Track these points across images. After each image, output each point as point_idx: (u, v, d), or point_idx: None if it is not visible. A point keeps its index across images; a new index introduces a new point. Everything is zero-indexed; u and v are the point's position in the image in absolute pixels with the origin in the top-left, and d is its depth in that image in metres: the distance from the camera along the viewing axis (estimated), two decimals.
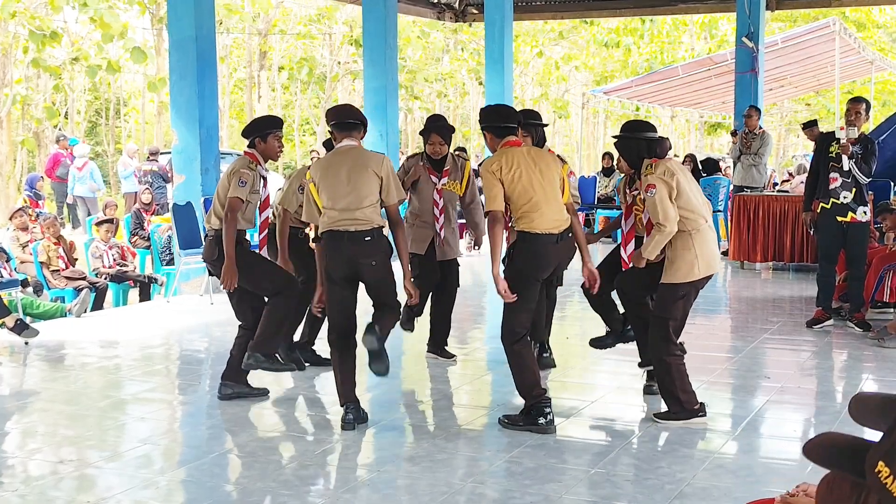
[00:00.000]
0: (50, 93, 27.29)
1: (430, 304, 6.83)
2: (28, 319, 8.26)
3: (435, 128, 6.60)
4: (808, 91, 28.67)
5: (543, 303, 6.10)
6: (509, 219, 5.27)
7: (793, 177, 17.50)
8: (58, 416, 5.67)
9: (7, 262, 9.25)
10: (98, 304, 10.13)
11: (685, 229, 5.15)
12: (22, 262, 10.69)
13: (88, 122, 34.67)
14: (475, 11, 17.76)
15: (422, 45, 31.01)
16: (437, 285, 6.78)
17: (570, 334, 7.80)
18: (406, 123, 33.28)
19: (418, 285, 6.58)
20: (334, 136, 5.46)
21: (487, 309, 9.35)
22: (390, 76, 13.10)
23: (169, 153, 14.35)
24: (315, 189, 5.24)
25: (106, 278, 10.56)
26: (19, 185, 23.58)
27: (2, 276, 8.83)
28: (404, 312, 6.69)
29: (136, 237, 12.75)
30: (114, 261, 10.92)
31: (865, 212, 7.72)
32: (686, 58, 28.75)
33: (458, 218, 6.95)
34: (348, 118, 5.37)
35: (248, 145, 5.82)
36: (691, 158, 16.40)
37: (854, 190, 7.65)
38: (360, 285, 5.31)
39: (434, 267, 6.66)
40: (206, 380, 6.60)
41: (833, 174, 7.67)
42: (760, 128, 12.85)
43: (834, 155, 7.69)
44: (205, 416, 5.73)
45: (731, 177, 13.75)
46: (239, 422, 5.48)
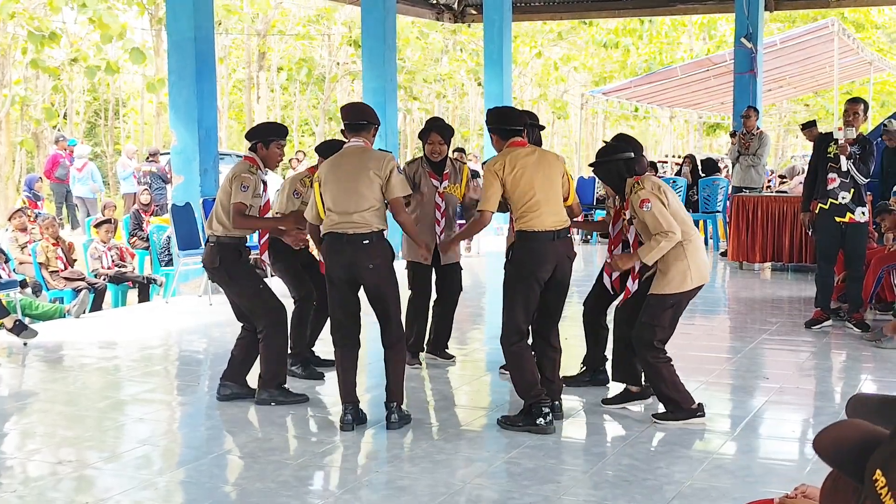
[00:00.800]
0: (49, 93, 27.29)
1: (433, 307, 6.84)
2: (27, 320, 8.26)
3: (434, 127, 6.62)
4: (807, 92, 28.69)
5: (560, 307, 5.80)
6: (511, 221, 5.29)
7: (784, 179, 17.52)
8: (57, 417, 5.68)
9: (6, 262, 9.24)
10: (97, 305, 10.13)
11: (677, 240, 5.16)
12: (21, 263, 10.69)
13: (87, 122, 34.67)
14: (474, 12, 17.76)
15: (420, 45, 31.02)
16: (439, 288, 6.79)
17: (568, 335, 7.79)
18: (405, 124, 33.26)
19: (418, 300, 6.59)
20: (345, 134, 5.46)
21: (487, 310, 9.34)
22: (389, 77, 13.10)
23: (168, 154, 14.34)
24: (319, 189, 5.26)
25: (105, 279, 10.56)
26: (18, 185, 23.57)
27: (1, 277, 8.82)
28: (407, 350, 6.65)
29: (135, 238, 12.75)
30: (112, 262, 10.92)
31: (864, 212, 7.73)
32: (685, 58, 28.76)
33: (459, 219, 6.95)
34: (356, 119, 5.36)
35: (250, 149, 5.82)
36: (691, 159, 16.41)
37: (852, 190, 7.65)
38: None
39: (429, 275, 6.69)
40: (205, 380, 6.60)
41: (831, 175, 7.68)
42: (758, 128, 12.86)
43: (832, 156, 7.70)
44: (204, 417, 5.73)
45: (731, 177, 13.74)
46: (238, 422, 5.48)
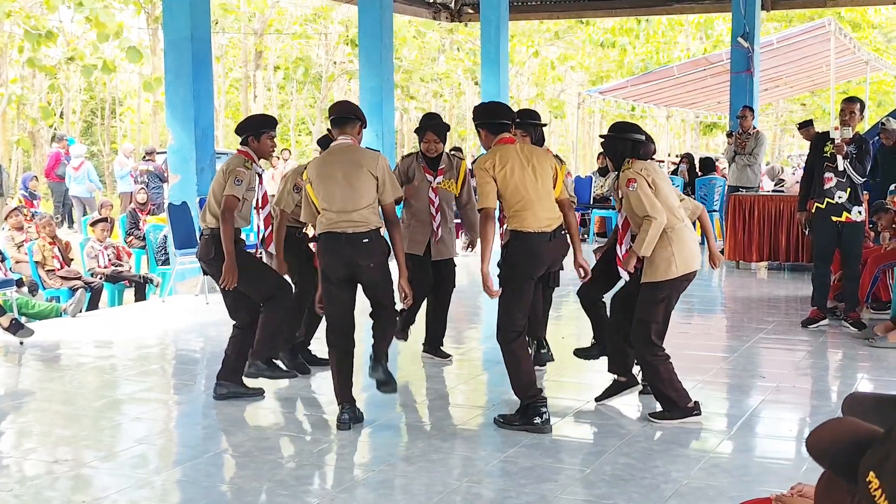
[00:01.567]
0: (45, 92, 27.27)
1: (426, 303, 6.84)
2: (23, 319, 8.25)
3: (430, 125, 6.62)
4: (804, 91, 28.70)
5: (540, 300, 6.12)
6: (503, 218, 5.28)
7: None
8: (53, 416, 5.67)
9: (2, 261, 9.24)
10: (93, 304, 10.13)
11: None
12: (17, 262, 10.68)
13: (84, 121, 34.64)
14: (471, 11, 17.76)
15: (418, 44, 31.03)
16: (433, 285, 6.78)
17: (565, 334, 7.80)
18: (402, 123, 33.28)
19: (413, 288, 6.58)
20: (331, 132, 5.46)
21: (483, 309, 9.35)
22: (386, 76, 13.10)
23: (165, 153, 14.33)
24: (311, 189, 5.24)
25: (101, 278, 10.55)
26: (15, 184, 23.53)
27: None
28: (399, 321, 6.69)
29: (132, 237, 12.74)
30: (109, 261, 10.91)
31: (860, 211, 7.74)
32: (682, 58, 28.75)
33: (455, 218, 6.95)
34: (342, 113, 5.36)
35: (241, 143, 5.83)
36: (688, 158, 16.43)
37: (849, 190, 7.66)
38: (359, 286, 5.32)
39: (428, 270, 6.66)
40: (202, 380, 6.59)
41: (828, 174, 7.68)
42: (755, 128, 12.87)
43: (829, 155, 7.70)
44: (200, 416, 5.73)
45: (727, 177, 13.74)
46: (234, 422, 5.47)
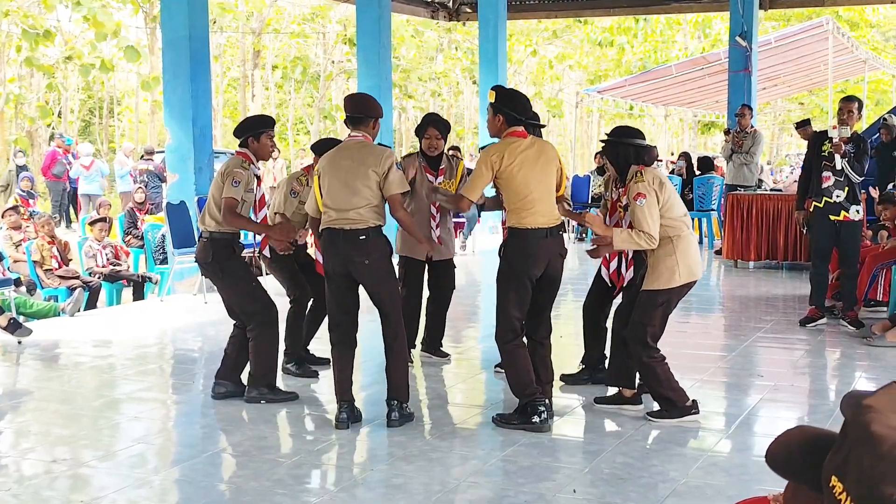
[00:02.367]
0: (43, 91, 27.25)
1: (426, 304, 6.84)
2: (21, 319, 8.24)
3: (431, 122, 6.62)
4: (802, 90, 28.71)
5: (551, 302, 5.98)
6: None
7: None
8: (51, 416, 5.67)
9: (0, 261, 9.23)
10: (91, 304, 10.12)
11: (667, 236, 5.14)
12: (15, 262, 10.67)
13: (82, 121, 34.63)
14: (469, 10, 17.76)
15: (416, 44, 31.03)
16: (433, 285, 6.79)
17: (563, 333, 7.80)
18: (400, 122, 33.28)
19: (408, 294, 6.58)
20: (348, 125, 5.44)
21: (481, 308, 9.35)
22: (384, 75, 13.09)
23: (163, 152, 14.32)
24: (318, 182, 5.27)
25: (99, 277, 10.54)
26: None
27: None
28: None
29: (130, 236, 12.73)
30: (107, 260, 10.90)
31: (858, 210, 7.74)
32: (679, 57, 28.78)
33: (454, 218, 6.95)
34: (355, 112, 5.33)
35: (241, 144, 5.83)
36: (686, 157, 16.43)
37: (847, 189, 7.67)
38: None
39: (422, 273, 6.68)
40: (200, 379, 6.60)
41: (826, 173, 7.69)
42: (752, 127, 12.88)
43: (826, 154, 7.71)
44: (199, 416, 5.73)
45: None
46: (233, 421, 5.47)
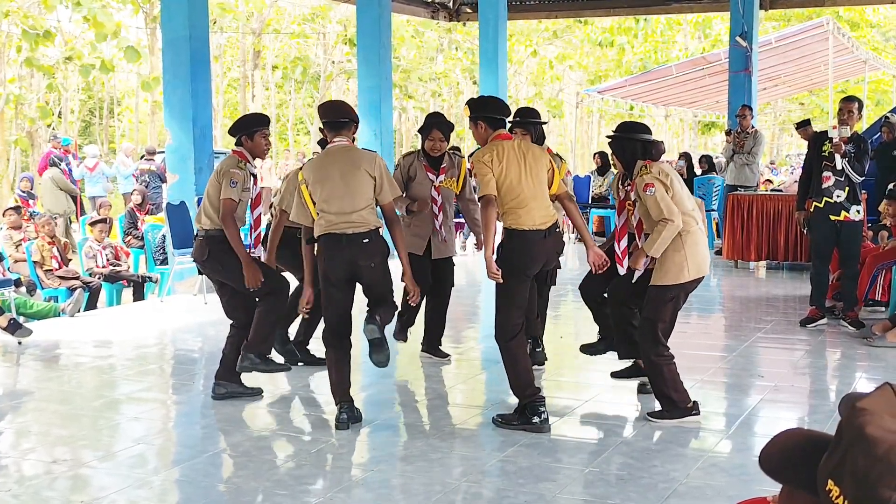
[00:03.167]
0: (43, 92, 27.23)
1: (425, 302, 6.84)
2: (21, 319, 8.24)
3: (436, 123, 6.60)
4: (802, 90, 28.72)
5: (535, 297, 6.13)
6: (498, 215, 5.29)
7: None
8: (52, 416, 5.67)
9: (0, 261, 9.23)
10: (92, 304, 10.12)
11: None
12: (15, 262, 10.67)
13: (82, 121, 34.62)
14: (469, 10, 17.75)
15: (416, 44, 31.02)
16: (432, 284, 6.79)
17: (563, 333, 7.80)
18: (400, 122, 33.28)
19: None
20: (325, 134, 5.46)
21: (482, 308, 9.35)
22: (384, 75, 13.09)
23: (164, 152, 14.31)
24: (307, 190, 5.22)
25: (99, 278, 10.54)
26: (12, 184, 23.52)
27: None
28: (398, 322, 6.71)
29: (130, 237, 12.73)
30: (107, 260, 10.90)
31: (859, 210, 7.73)
32: (680, 57, 28.78)
33: (455, 217, 6.95)
34: (338, 117, 5.35)
35: (236, 143, 5.83)
36: (686, 157, 16.42)
37: (847, 189, 7.66)
38: (357, 285, 5.32)
39: (427, 270, 6.68)
40: (200, 379, 6.59)
41: (826, 173, 7.68)
42: (753, 127, 12.87)
43: (827, 154, 7.70)
44: (199, 416, 5.73)
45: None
46: (233, 421, 5.47)
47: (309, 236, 5.35)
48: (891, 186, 9.63)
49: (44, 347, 7.63)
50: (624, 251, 5.58)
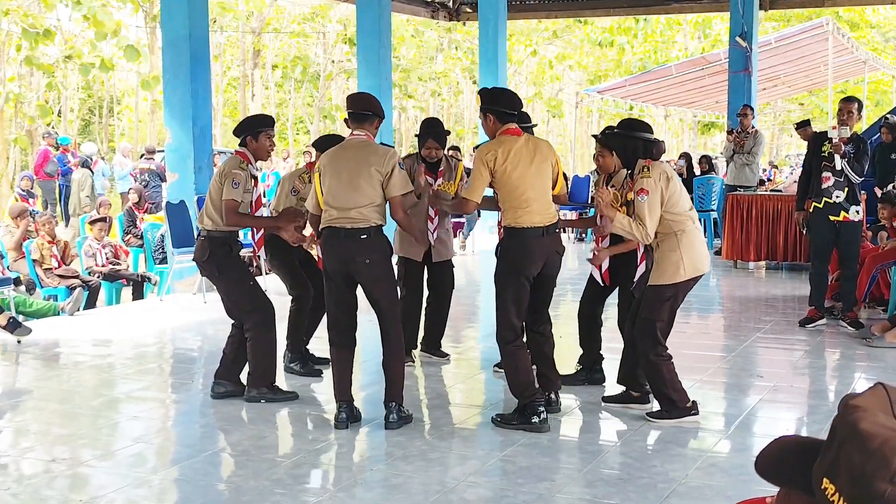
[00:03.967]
0: (43, 91, 27.25)
1: (426, 304, 6.84)
2: (21, 318, 8.24)
3: (432, 133, 6.59)
4: (802, 90, 28.71)
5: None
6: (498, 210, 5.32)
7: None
8: (51, 415, 5.67)
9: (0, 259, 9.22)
10: (91, 303, 10.11)
11: (671, 231, 5.14)
12: (16, 260, 10.65)
13: (82, 120, 34.64)
14: (469, 10, 17.75)
15: (416, 43, 31.01)
16: (432, 286, 6.79)
17: (563, 333, 7.80)
18: (400, 122, 33.28)
19: (410, 297, 6.59)
20: (349, 124, 5.44)
21: (481, 308, 9.35)
22: (384, 75, 13.08)
23: (164, 151, 14.31)
24: (318, 180, 5.24)
25: (99, 277, 10.54)
26: (12, 183, 23.52)
27: None
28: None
29: (130, 236, 12.73)
30: (107, 259, 10.90)
31: (858, 211, 7.74)
32: (680, 57, 28.78)
33: (453, 218, 6.95)
34: (362, 108, 5.33)
35: (240, 144, 5.83)
36: (686, 157, 16.42)
37: (846, 189, 7.66)
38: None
39: (421, 271, 6.69)
40: (200, 378, 6.59)
41: (825, 173, 7.69)
42: (753, 127, 12.87)
43: (826, 154, 7.70)
44: (198, 415, 5.73)
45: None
46: (232, 420, 5.47)
47: (316, 225, 5.36)
48: (888, 188, 9.63)
49: (43, 346, 7.63)
50: (599, 246, 5.66)
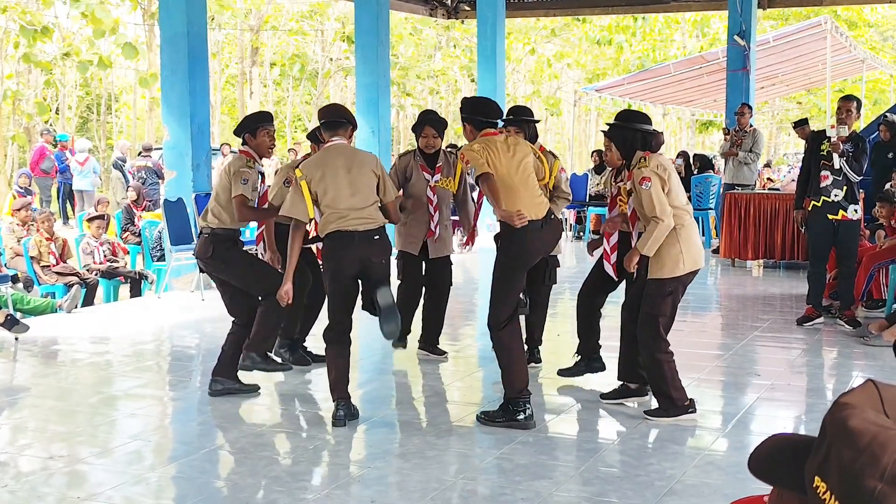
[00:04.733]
0: (41, 88, 27.23)
1: (423, 300, 6.84)
2: (18, 315, 8.23)
3: (428, 120, 6.62)
4: (800, 89, 28.74)
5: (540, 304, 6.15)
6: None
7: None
8: (48, 412, 5.66)
9: None
10: (89, 300, 10.11)
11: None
12: (15, 256, 10.64)
13: (79, 117, 34.60)
14: (467, 8, 17.74)
15: (414, 41, 30.99)
16: (430, 283, 6.78)
17: (561, 332, 7.80)
18: (398, 120, 33.25)
19: (407, 288, 6.60)
20: (322, 135, 5.50)
21: (479, 306, 9.34)
22: (382, 73, 13.08)
23: (161, 149, 14.30)
24: (307, 186, 5.19)
25: (96, 274, 10.53)
26: (10, 180, 23.50)
27: None
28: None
29: (128, 233, 12.72)
30: (105, 257, 10.89)
31: (857, 210, 7.74)
32: (678, 56, 28.78)
33: (452, 215, 6.96)
34: (335, 117, 5.41)
35: (242, 143, 5.85)
36: (684, 156, 16.43)
37: (845, 188, 7.67)
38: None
39: (421, 269, 6.70)
40: (197, 376, 6.59)
41: (824, 172, 7.69)
42: (751, 125, 12.87)
43: (825, 153, 7.70)
44: (196, 413, 5.72)
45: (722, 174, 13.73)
46: (230, 418, 5.47)
47: (303, 232, 5.32)
48: (886, 187, 9.63)
49: (41, 343, 7.63)
50: (614, 247, 5.60)
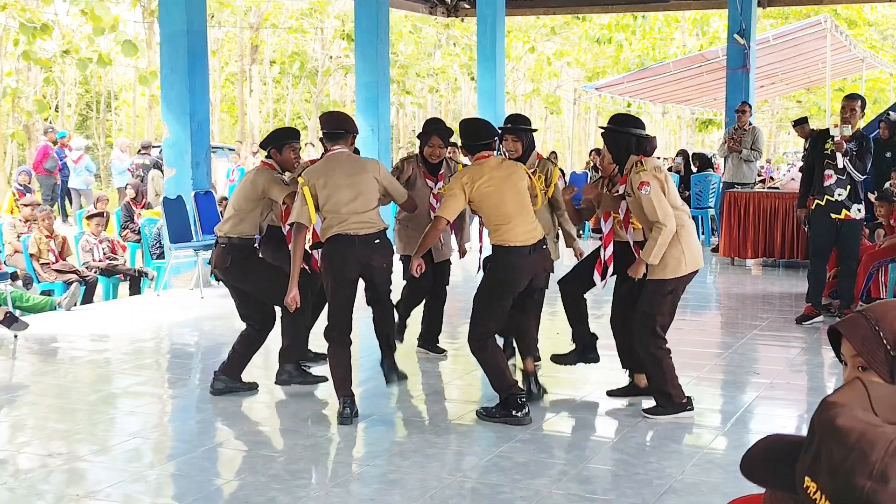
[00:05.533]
0: (40, 85, 27.21)
1: (425, 301, 6.84)
2: (17, 313, 8.23)
3: (435, 130, 6.57)
4: (799, 88, 28.74)
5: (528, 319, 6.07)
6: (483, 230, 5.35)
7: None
8: (47, 410, 5.66)
9: None
10: (88, 298, 10.10)
11: None
12: (14, 253, 10.63)
13: (79, 115, 34.59)
14: (467, 6, 17.73)
15: (414, 39, 30.95)
16: (433, 285, 6.80)
17: (559, 330, 7.81)
18: (398, 118, 33.24)
19: (413, 288, 6.61)
20: (324, 143, 5.53)
21: None
22: (382, 71, 13.08)
23: (160, 147, 14.30)
24: (309, 192, 5.21)
25: (96, 272, 10.53)
26: (9, 177, 23.49)
27: None
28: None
29: (127, 231, 12.71)
30: (104, 254, 10.89)
31: (860, 209, 7.73)
32: (678, 54, 28.78)
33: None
34: (337, 128, 5.49)
35: (266, 156, 5.87)
36: (683, 154, 16.43)
37: (849, 187, 7.66)
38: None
39: (428, 271, 6.68)
40: (197, 374, 6.59)
41: (828, 171, 7.68)
42: (750, 124, 12.87)
43: (829, 152, 7.70)
44: (195, 410, 5.72)
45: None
46: (229, 416, 5.47)
47: (304, 237, 5.31)
48: (886, 186, 9.63)
49: (40, 341, 7.63)
50: (609, 258, 5.55)
